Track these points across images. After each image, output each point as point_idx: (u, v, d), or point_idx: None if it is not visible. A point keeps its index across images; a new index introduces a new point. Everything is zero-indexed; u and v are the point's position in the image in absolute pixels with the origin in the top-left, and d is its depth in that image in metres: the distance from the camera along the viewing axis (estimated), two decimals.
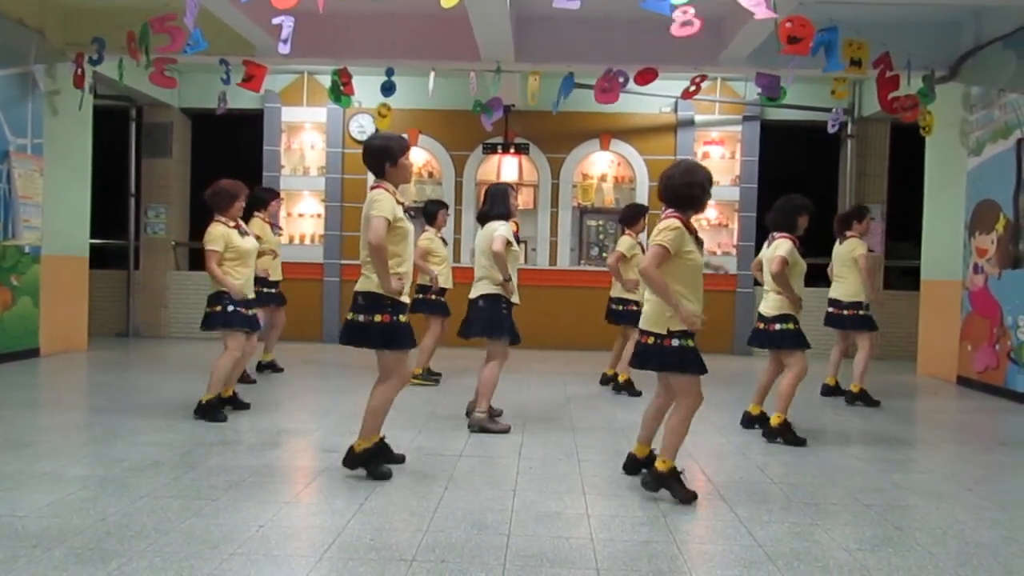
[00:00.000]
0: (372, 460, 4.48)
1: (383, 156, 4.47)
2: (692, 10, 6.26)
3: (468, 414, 6.03)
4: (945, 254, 9.40)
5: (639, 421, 4.92)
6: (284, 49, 7.14)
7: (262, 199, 7.95)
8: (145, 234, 12.30)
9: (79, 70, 8.98)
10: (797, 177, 12.01)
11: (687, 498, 4.16)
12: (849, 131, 11.75)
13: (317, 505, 4.03)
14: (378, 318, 4.39)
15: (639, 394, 7.45)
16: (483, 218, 6.07)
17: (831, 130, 9.52)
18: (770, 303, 5.86)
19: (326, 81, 10.44)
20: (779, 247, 5.76)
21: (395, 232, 4.39)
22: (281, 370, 8.48)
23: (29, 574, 3.04)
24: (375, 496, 4.14)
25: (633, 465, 4.65)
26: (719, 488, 4.49)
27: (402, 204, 4.49)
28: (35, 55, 9.07)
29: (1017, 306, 7.95)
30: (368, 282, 4.42)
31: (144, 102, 11.94)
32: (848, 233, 7.44)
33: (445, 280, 7.79)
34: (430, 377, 8.01)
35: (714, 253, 11.85)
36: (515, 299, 5.96)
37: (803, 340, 5.82)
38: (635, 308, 7.30)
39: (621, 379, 7.73)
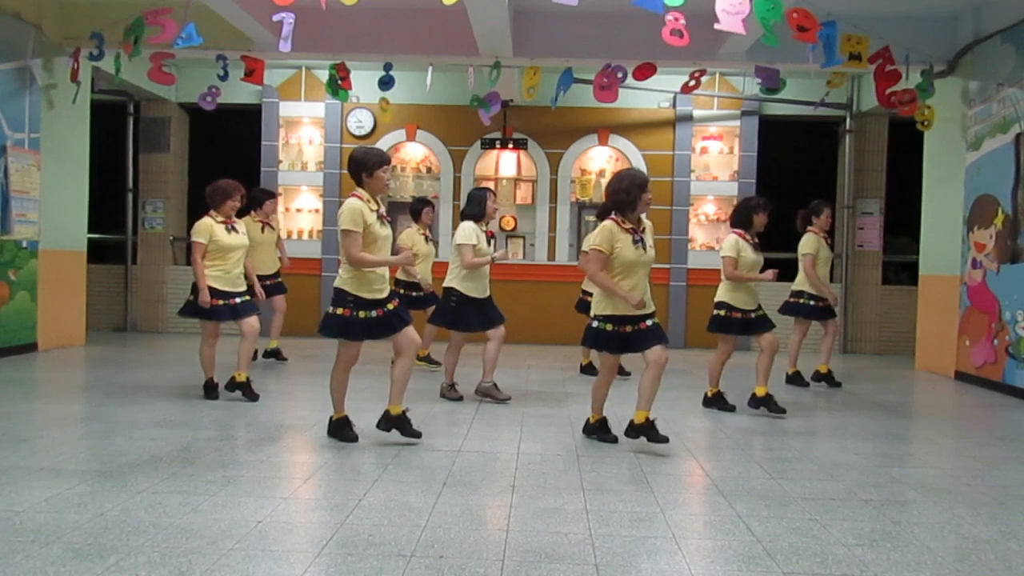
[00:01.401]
0: (404, 423, 5.20)
1: (359, 167, 4.99)
2: (683, 19, 6.28)
3: (477, 391, 6.84)
4: (943, 249, 9.40)
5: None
6: (285, 47, 7.12)
7: (256, 199, 8.44)
8: (143, 229, 12.29)
9: (75, 64, 8.95)
10: (795, 172, 12.02)
11: (662, 440, 5.11)
12: (848, 126, 11.74)
13: (316, 500, 4.03)
14: (340, 311, 4.99)
15: (628, 374, 7.96)
16: (461, 217, 6.82)
17: (817, 105, 9.54)
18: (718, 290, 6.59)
19: (324, 76, 10.43)
20: (722, 247, 6.50)
21: (368, 236, 4.92)
22: (285, 359, 8.91)
23: (27, 569, 3.03)
24: (374, 491, 4.14)
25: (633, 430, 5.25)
26: (717, 483, 4.49)
27: (376, 211, 4.99)
28: (32, 49, 9.05)
29: (1015, 301, 7.95)
30: (338, 279, 5.09)
31: (142, 97, 11.92)
32: (809, 228, 7.83)
33: (424, 274, 8.27)
34: (431, 362, 8.54)
35: (712, 248, 11.85)
36: (476, 294, 6.59)
37: (725, 326, 6.48)
38: None
39: (584, 361, 8.53)
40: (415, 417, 6.01)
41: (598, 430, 5.44)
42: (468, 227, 6.60)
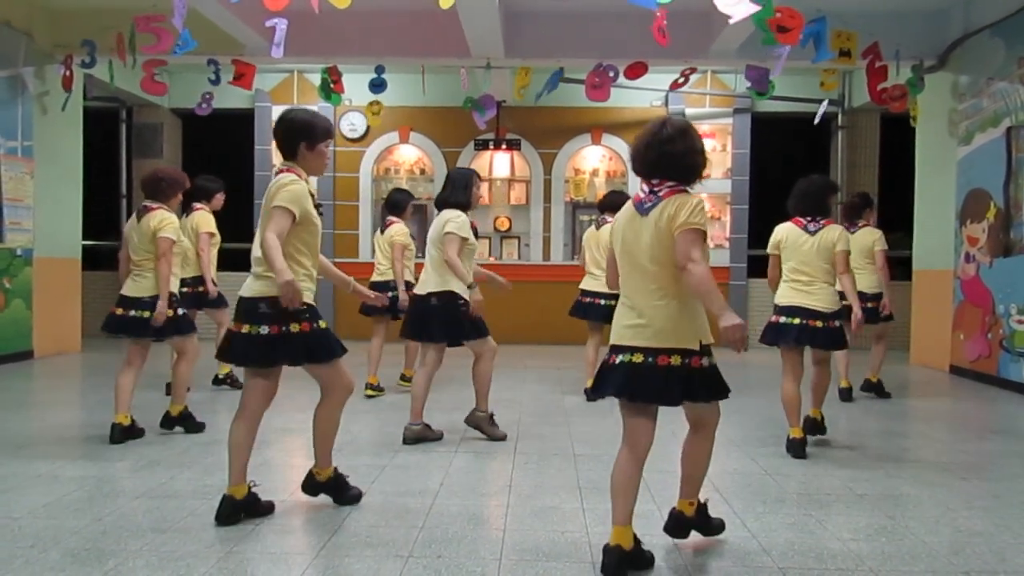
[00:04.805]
0: (339, 487, 3.98)
1: (301, 135, 3.73)
2: (665, 23, 6.27)
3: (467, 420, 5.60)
4: (936, 243, 9.43)
5: None
6: (277, 52, 7.10)
7: (206, 189, 6.98)
8: None
9: (67, 72, 8.95)
10: (788, 169, 12.04)
11: (717, 529, 3.58)
12: (840, 122, 11.80)
13: (313, 502, 4.02)
14: (295, 328, 3.60)
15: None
16: (441, 204, 5.48)
17: (816, 121, 9.57)
18: (826, 297, 5.19)
19: (316, 79, 10.44)
20: (839, 239, 5.15)
21: (307, 228, 3.71)
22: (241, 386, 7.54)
23: (26, 575, 3.05)
24: (371, 493, 4.15)
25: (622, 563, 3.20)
26: (713, 480, 4.50)
27: (313, 196, 3.79)
28: (24, 57, 9.04)
29: (1008, 294, 7.98)
30: (273, 285, 3.52)
31: (134, 103, 11.92)
32: (861, 223, 7.22)
33: (407, 274, 7.15)
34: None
35: None
36: (468, 295, 5.30)
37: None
38: (600, 302, 7.14)
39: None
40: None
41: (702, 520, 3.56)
42: (462, 217, 5.30)
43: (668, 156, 3.29)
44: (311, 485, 3.97)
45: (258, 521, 3.67)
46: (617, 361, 3.22)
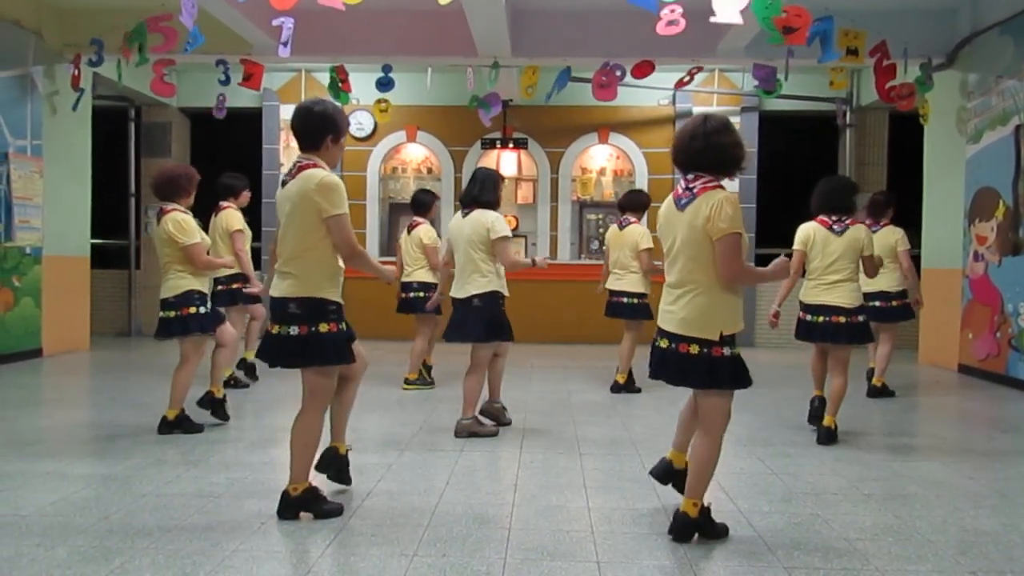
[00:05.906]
0: (316, 501, 3.76)
1: (329, 126, 3.68)
2: (679, 8, 6.26)
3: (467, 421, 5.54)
4: (945, 242, 9.39)
5: (640, 415, 4.91)
6: (284, 52, 7.11)
7: (232, 186, 7.08)
8: (146, 233, 12.29)
9: (76, 71, 8.99)
10: (796, 168, 12.02)
11: (721, 533, 3.55)
12: (848, 120, 11.74)
13: None
14: (324, 328, 3.59)
15: (639, 391, 7.31)
16: (471, 202, 5.47)
17: (839, 121, 9.47)
18: (849, 294, 5.39)
19: (324, 79, 10.47)
20: (867, 242, 5.38)
21: None
22: (256, 379, 7.61)
23: (33, 572, 3.06)
24: (377, 492, 4.16)
25: (667, 474, 3.93)
26: (719, 479, 4.48)
27: None
28: (33, 57, 9.08)
29: (1017, 293, 7.94)
30: (302, 285, 3.60)
31: (143, 102, 11.94)
32: (883, 221, 7.18)
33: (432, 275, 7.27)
34: (426, 381, 7.54)
35: None
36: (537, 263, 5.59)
37: None
38: (623, 300, 7.28)
39: (620, 379, 7.32)
40: (416, 420, 6.01)
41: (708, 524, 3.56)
42: (501, 219, 5.42)
43: (714, 147, 3.43)
44: (287, 505, 3.72)
45: (263, 519, 3.68)
46: (656, 343, 3.58)
